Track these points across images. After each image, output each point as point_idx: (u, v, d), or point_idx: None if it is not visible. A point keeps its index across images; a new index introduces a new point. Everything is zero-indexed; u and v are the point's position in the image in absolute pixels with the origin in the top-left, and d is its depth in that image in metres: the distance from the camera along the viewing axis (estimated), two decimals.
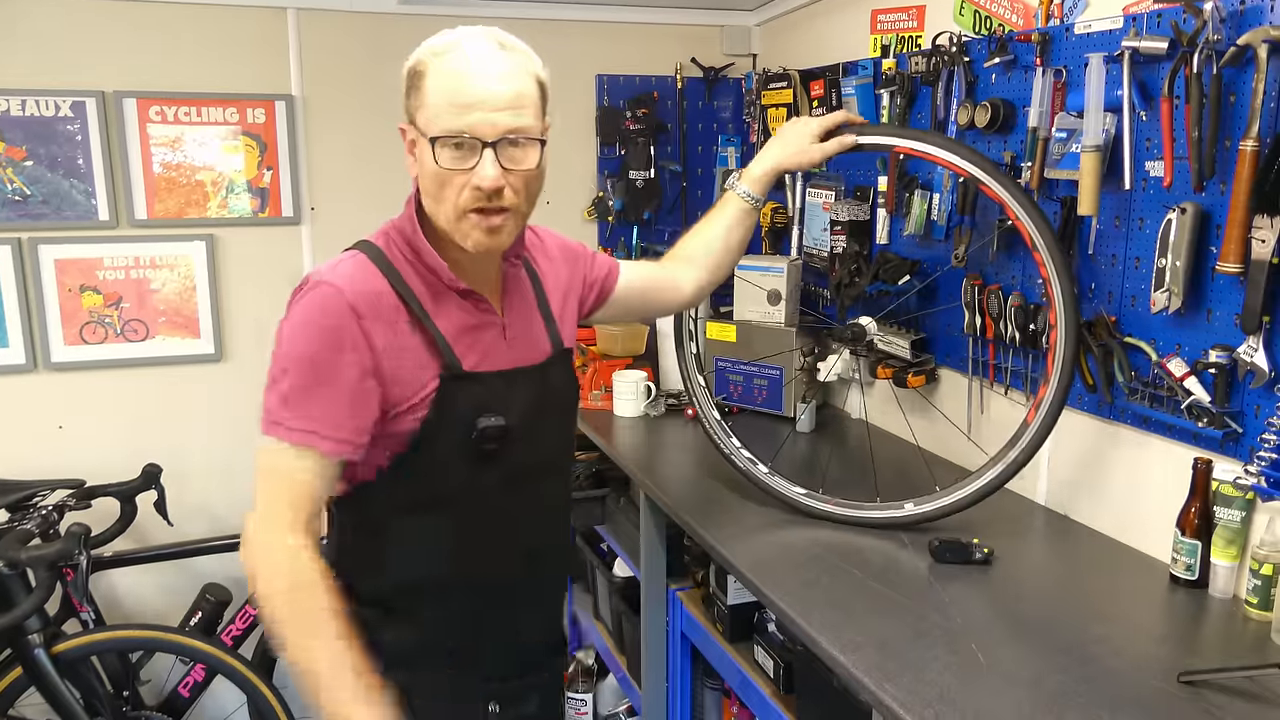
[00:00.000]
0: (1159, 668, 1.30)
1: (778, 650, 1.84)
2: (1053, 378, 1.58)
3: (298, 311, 1.21)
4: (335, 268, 1.24)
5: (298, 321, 1.20)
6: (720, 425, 1.99)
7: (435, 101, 1.18)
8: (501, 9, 2.71)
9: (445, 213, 1.22)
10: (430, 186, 1.21)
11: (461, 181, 1.18)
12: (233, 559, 2.63)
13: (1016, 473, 1.63)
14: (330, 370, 1.18)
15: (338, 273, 1.22)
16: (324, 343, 1.18)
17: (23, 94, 2.41)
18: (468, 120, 1.16)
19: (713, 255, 1.67)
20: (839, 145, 1.65)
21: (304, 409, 1.17)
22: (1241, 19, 1.42)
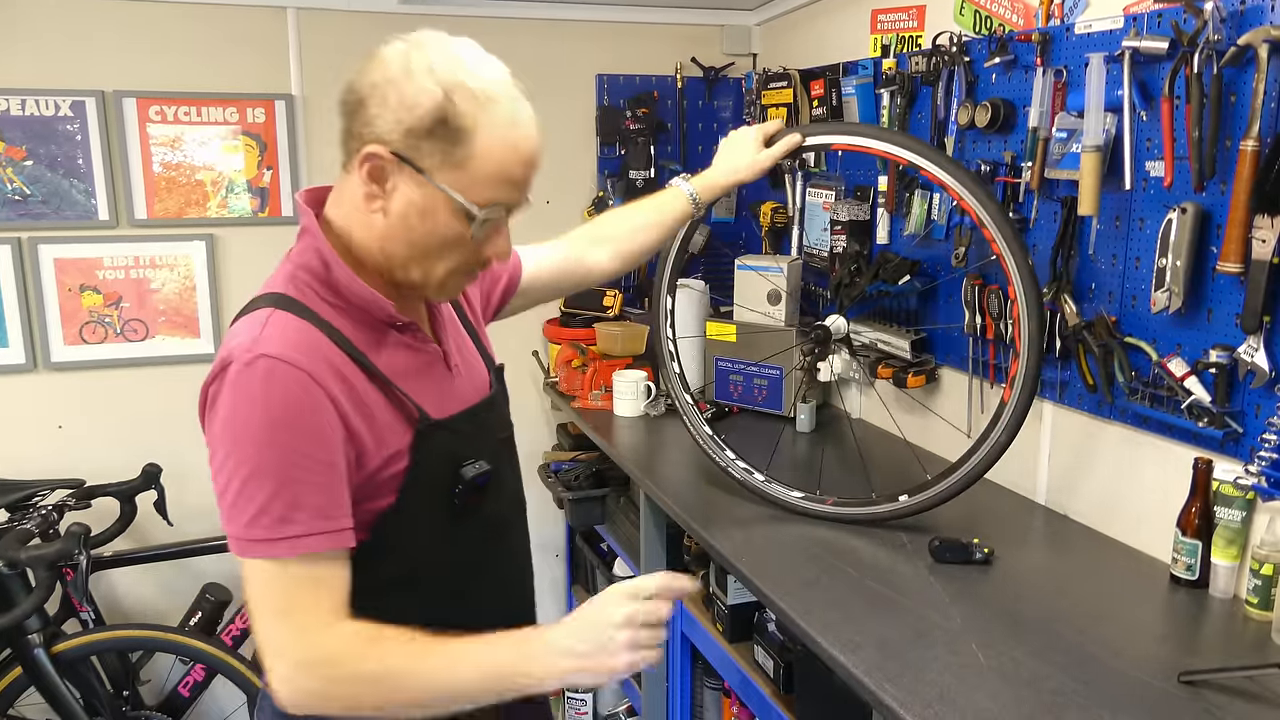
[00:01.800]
0: (1159, 668, 1.30)
1: (778, 650, 1.84)
2: (1021, 351, 1.57)
3: (237, 400, 0.97)
4: (256, 335, 1.00)
5: (243, 413, 0.97)
6: (713, 440, 1.98)
7: (489, 170, 1.01)
8: (501, 9, 2.71)
9: (431, 272, 1.07)
10: (426, 247, 1.05)
11: (472, 248, 1.06)
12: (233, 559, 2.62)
13: (1001, 454, 1.61)
14: (309, 456, 0.99)
15: (264, 339, 0.99)
16: (289, 428, 0.97)
17: (23, 94, 2.41)
18: (512, 196, 1.05)
19: (632, 244, 1.58)
20: (786, 147, 1.63)
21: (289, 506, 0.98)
22: (1242, 19, 1.42)
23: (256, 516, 0.98)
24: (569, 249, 1.55)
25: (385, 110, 1.02)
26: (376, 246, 1.07)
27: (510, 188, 1.04)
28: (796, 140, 1.63)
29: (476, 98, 1.00)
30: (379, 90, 1.03)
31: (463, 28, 1.14)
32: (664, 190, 1.63)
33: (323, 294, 1.07)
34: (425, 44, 1.05)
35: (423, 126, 1.00)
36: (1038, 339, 1.57)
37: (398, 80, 1.02)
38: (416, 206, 1.03)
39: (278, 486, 0.97)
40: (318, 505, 0.99)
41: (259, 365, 0.97)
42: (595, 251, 1.56)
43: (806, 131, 1.66)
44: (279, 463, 0.97)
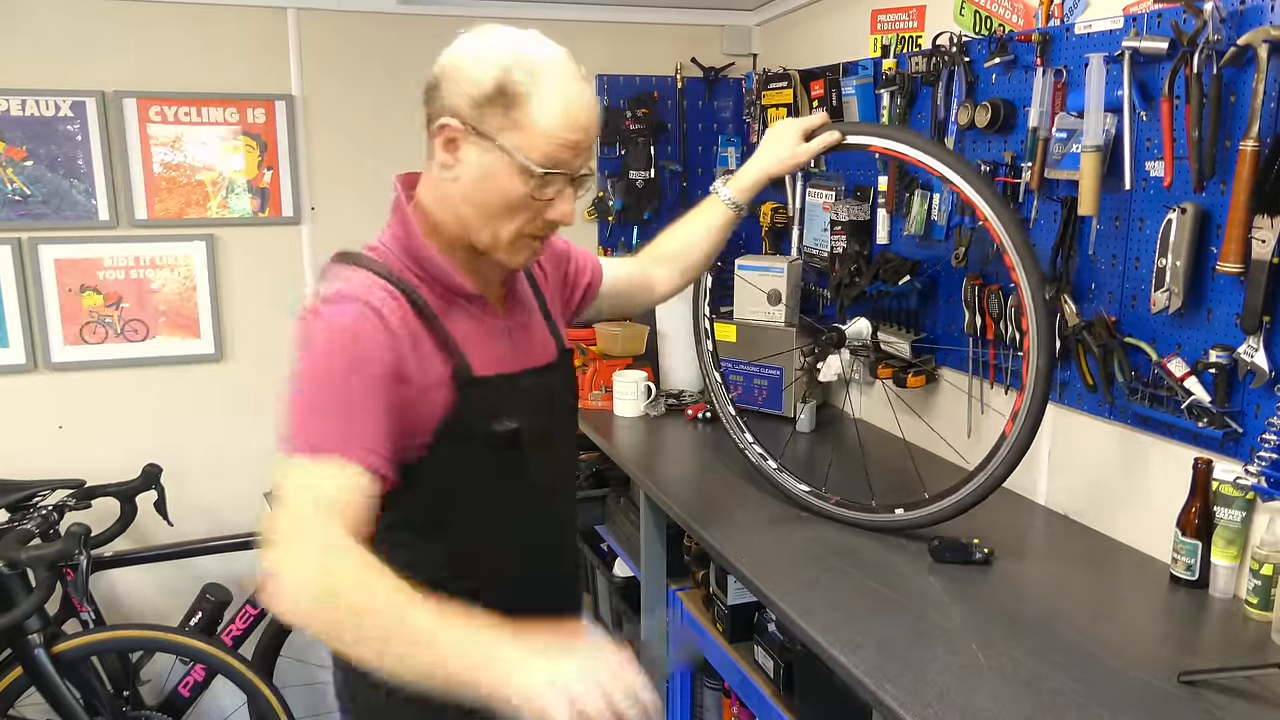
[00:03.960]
0: (1159, 668, 1.30)
1: (778, 650, 1.84)
2: (1028, 387, 1.54)
3: (320, 328, 1.12)
4: (347, 281, 1.16)
5: (322, 338, 1.12)
6: (736, 421, 2.02)
7: (543, 128, 1.13)
8: (502, 9, 2.71)
9: (500, 234, 1.19)
10: (496, 209, 1.17)
11: (536, 210, 1.17)
12: (233, 559, 2.63)
13: (999, 485, 1.61)
14: (366, 384, 1.10)
15: (352, 285, 1.15)
16: (356, 356, 1.10)
17: (23, 94, 2.41)
18: (570, 156, 1.15)
19: (689, 258, 1.67)
20: (824, 143, 1.64)
21: (344, 424, 1.08)
22: (1242, 19, 1.42)
23: (304, 421, 1.09)
24: (639, 267, 1.66)
25: (455, 87, 1.15)
26: (453, 214, 1.20)
27: (566, 150, 1.15)
28: (836, 138, 1.65)
29: (532, 69, 1.13)
30: (449, 72, 1.16)
31: (463, 27, 1.17)
32: (705, 200, 1.69)
33: (404, 260, 1.20)
34: (490, 31, 1.18)
35: (485, 95, 1.13)
36: (1046, 374, 1.52)
37: (464, 61, 1.15)
38: (484, 169, 1.15)
39: (329, 400, 1.09)
40: (361, 426, 1.09)
41: (340, 304, 1.12)
42: (659, 271, 1.67)
43: (846, 130, 1.65)
44: (333, 380, 1.10)
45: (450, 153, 1.16)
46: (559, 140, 1.14)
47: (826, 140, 1.65)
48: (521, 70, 1.13)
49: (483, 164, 1.15)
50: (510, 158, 1.14)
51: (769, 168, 1.66)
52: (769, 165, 1.66)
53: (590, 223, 3.01)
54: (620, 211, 2.96)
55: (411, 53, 2.70)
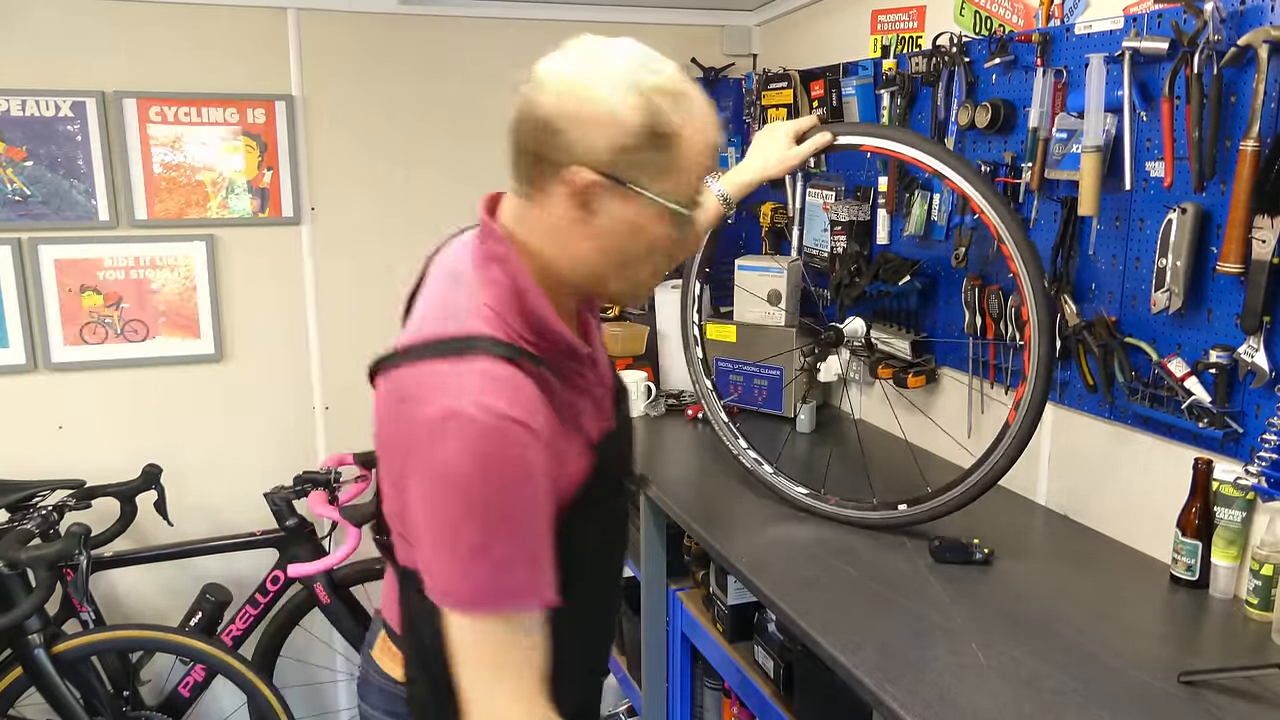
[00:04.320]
0: (1159, 668, 1.30)
1: (778, 650, 1.84)
2: (1029, 376, 1.55)
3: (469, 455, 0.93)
4: (496, 384, 0.96)
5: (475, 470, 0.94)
6: (728, 427, 2.02)
7: (691, 168, 1.02)
8: (502, 9, 2.71)
9: (638, 279, 1.08)
10: (637, 256, 1.05)
11: (675, 245, 1.07)
12: (233, 559, 2.63)
13: (1001, 475, 1.61)
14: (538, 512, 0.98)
15: (491, 392, 0.95)
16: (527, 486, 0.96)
17: (23, 94, 2.41)
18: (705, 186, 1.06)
19: None
20: (815, 145, 1.64)
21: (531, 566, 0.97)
22: (1242, 19, 1.42)
23: (478, 571, 0.95)
24: None
25: (587, 131, 0.97)
26: (577, 263, 1.05)
27: (701, 185, 1.06)
28: (827, 139, 1.64)
29: (674, 99, 0.99)
30: (573, 112, 0.98)
31: (463, 28, 1.14)
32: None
33: (518, 328, 1.03)
34: (603, 55, 1.02)
35: (634, 141, 0.98)
36: (1047, 363, 1.53)
37: (594, 98, 0.97)
38: (629, 223, 1.02)
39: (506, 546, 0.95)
40: (536, 563, 0.98)
41: (492, 423, 0.93)
42: None
43: (838, 131, 1.66)
44: (505, 521, 0.95)
45: (581, 207, 1.01)
46: (704, 171, 1.03)
47: (818, 142, 1.65)
48: (665, 102, 0.98)
49: (626, 215, 1.01)
50: (662, 205, 1.01)
51: (762, 170, 1.65)
52: (762, 168, 1.65)
53: None
54: None
55: (412, 53, 2.71)
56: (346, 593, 2.55)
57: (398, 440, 1.00)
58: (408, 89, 2.72)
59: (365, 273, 2.77)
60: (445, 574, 0.97)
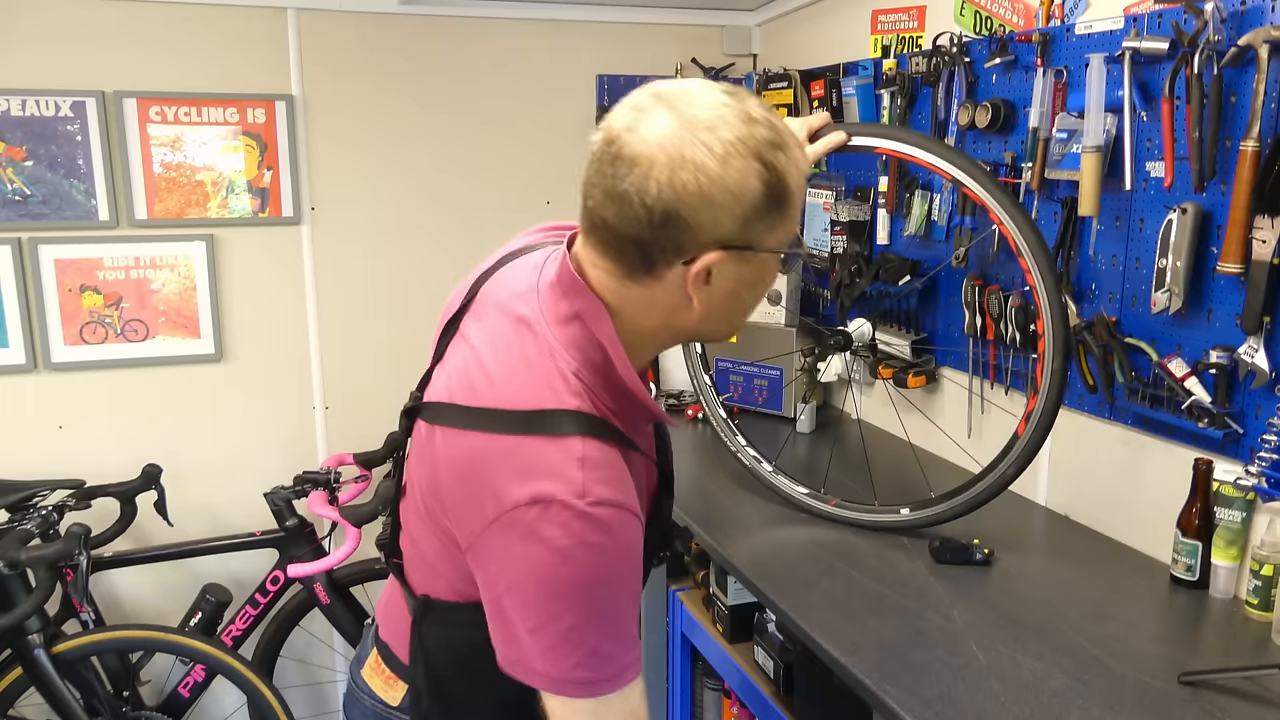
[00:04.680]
0: (1159, 668, 1.30)
1: (778, 650, 1.84)
2: (1042, 388, 1.54)
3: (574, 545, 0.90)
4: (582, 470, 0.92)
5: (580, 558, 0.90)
6: (727, 424, 2.01)
7: (795, 214, 0.98)
8: (502, 9, 2.70)
9: (733, 325, 1.06)
10: (748, 304, 1.03)
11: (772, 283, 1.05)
12: (232, 559, 2.63)
13: (1008, 485, 1.61)
14: (630, 598, 0.97)
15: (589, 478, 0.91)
16: (621, 576, 0.94)
17: (23, 94, 2.41)
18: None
19: None
20: (829, 144, 1.59)
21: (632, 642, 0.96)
22: (1242, 19, 1.42)
23: (585, 658, 0.92)
24: None
25: (717, 215, 0.90)
26: (685, 331, 1.02)
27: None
28: (842, 139, 1.58)
29: (779, 148, 0.92)
30: (696, 198, 0.89)
31: (463, 28, 1.13)
32: None
33: (605, 400, 0.98)
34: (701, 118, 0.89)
35: (758, 210, 0.92)
36: (1060, 377, 1.52)
37: (715, 176, 0.88)
38: (746, 281, 0.98)
39: (605, 630, 0.94)
40: (631, 640, 0.97)
41: (597, 514, 0.90)
42: None
43: (852, 131, 1.61)
44: (608, 608, 0.93)
45: (704, 282, 0.94)
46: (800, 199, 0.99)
47: (832, 141, 1.59)
48: (779, 157, 0.92)
49: (744, 275, 0.97)
50: (775, 255, 0.98)
51: None
52: None
53: None
54: None
55: (412, 53, 2.71)
56: (346, 593, 2.55)
57: (471, 510, 0.96)
58: (408, 88, 2.72)
59: (365, 272, 2.76)
60: (541, 659, 0.93)
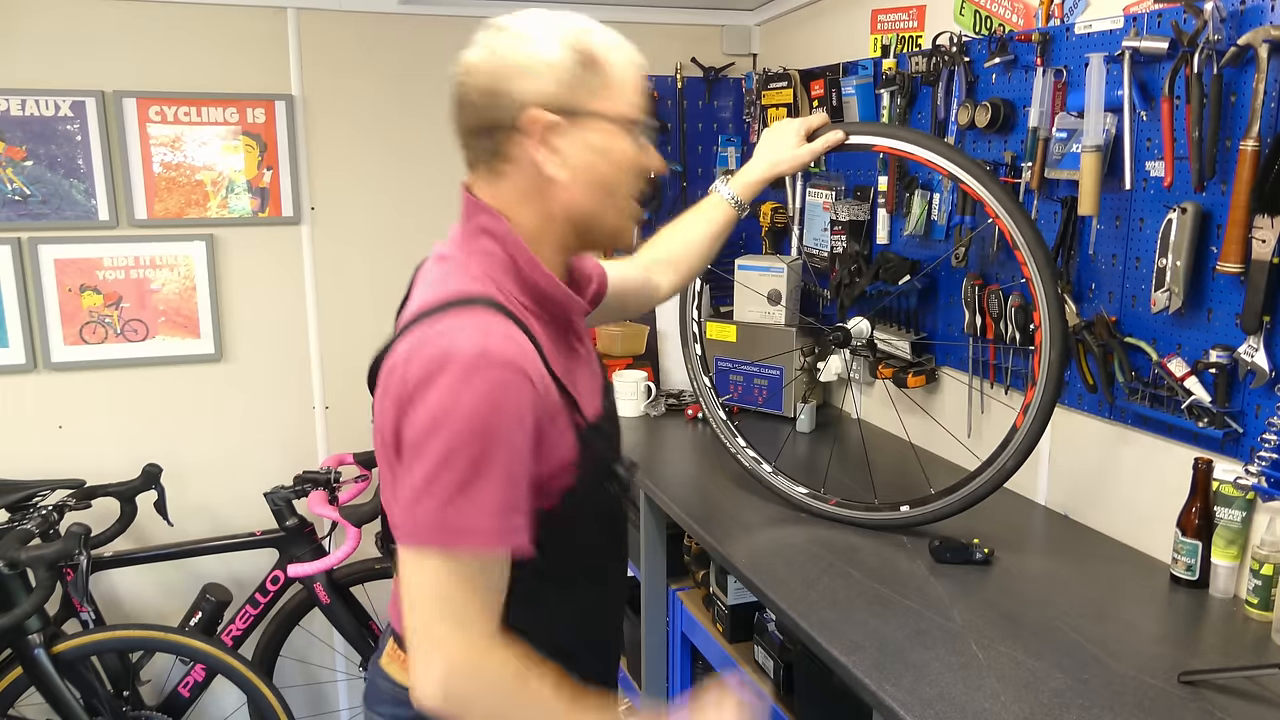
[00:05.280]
0: (1159, 668, 1.30)
1: (778, 650, 1.84)
2: (1039, 380, 1.55)
3: (459, 394, 0.96)
4: (479, 334, 0.99)
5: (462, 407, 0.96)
6: (727, 425, 2.01)
7: (625, 84, 1.09)
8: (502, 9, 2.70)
9: (618, 207, 1.13)
10: (614, 179, 1.10)
11: (641, 169, 1.12)
12: (232, 559, 2.63)
13: (1008, 478, 1.62)
14: (519, 459, 1.00)
15: (494, 338, 0.99)
16: (512, 430, 0.98)
17: (23, 94, 2.41)
18: (647, 109, 1.12)
19: (690, 258, 1.62)
20: (827, 144, 1.62)
21: (501, 509, 0.98)
22: (1242, 19, 1.42)
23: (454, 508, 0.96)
24: (640, 270, 1.60)
25: (526, 80, 1.04)
26: (568, 211, 1.10)
27: (643, 99, 1.11)
28: (839, 138, 1.62)
29: (591, 34, 1.08)
30: (508, 70, 1.05)
31: (463, 28, 1.14)
32: (705, 198, 1.64)
33: (517, 295, 1.08)
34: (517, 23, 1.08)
35: (569, 73, 1.05)
36: (1058, 368, 1.53)
37: (522, 52, 1.05)
38: (595, 146, 1.08)
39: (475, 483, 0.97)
40: (506, 505, 0.99)
41: (483, 364, 0.97)
42: (661, 273, 1.60)
43: (850, 130, 1.63)
44: (480, 461, 0.97)
45: (549, 147, 1.06)
46: (639, 90, 1.11)
47: (830, 140, 1.62)
48: (588, 37, 1.08)
49: (590, 142, 1.07)
50: (614, 121, 1.08)
51: (771, 168, 1.63)
52: (771, 166, 1.63)
53: None
54: None
55: (412, 53, 2.71)
56: (346, 593, 2.55)
57: (389, 405, 1.01)
58: (408, 88, 2.72)
59: (365, 272, 2.77)
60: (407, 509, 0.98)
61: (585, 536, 1.16)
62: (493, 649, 1.00)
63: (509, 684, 1.01)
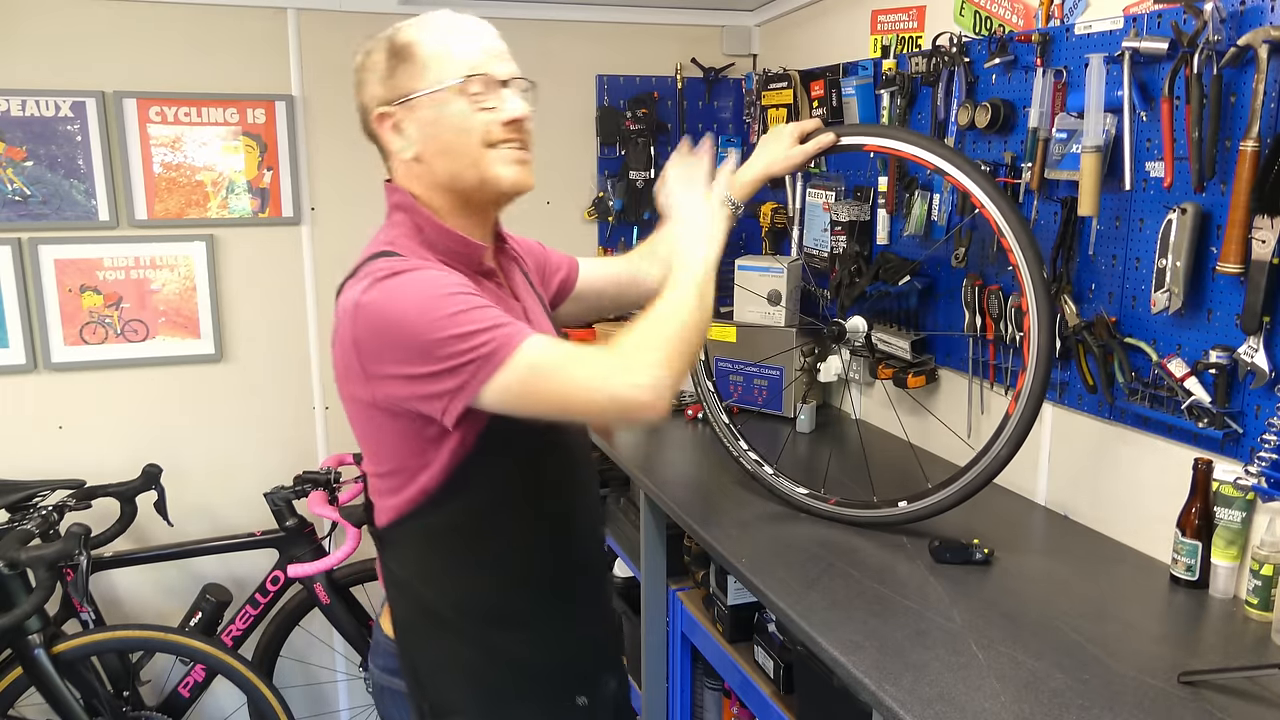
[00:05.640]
0: (1159, 668, 1.30)
1: (778, 650, 1.84)
2: (1029, 365, 1.56)
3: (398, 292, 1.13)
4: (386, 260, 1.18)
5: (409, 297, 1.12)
6: (729, 429, 2.01)
7: (440, 55, 1.20)
8: (501, 9, 2.71)
9: (474, 157, 1.22)
10: (454, 138, 1.21)
11: (485, 120, 1.21)
12: (232, 559, 2.64)
13: (1003, 466, 1.61)
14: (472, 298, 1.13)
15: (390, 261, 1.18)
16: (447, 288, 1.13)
17: (23, 94, 2.41)
18: (483, 61, 1.21)
19: None
20: (819, 145, 1.69)
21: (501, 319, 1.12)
22: (1242, 19, 1.42)
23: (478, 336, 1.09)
24: (627, 264, 1.67)
25: (367, 87, 1.25)
26: (436, 180, 1.24)
27: (475, 55, 1.22)
28: (830, 139, 1.69)
29: (410, 26, 1.24)
30: (359, 83, 1.27)
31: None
32: None
33: (422, 251, 1.22)
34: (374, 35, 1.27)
35: (386, 69, 1.23)
36: (1047, 351, 1.54)
37: (362, 63, 1.27)
38: (428, 120, 1.22)
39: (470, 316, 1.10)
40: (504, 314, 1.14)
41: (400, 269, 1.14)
42: (650, 266, 1.65)
43: (840, 132, 1.70)
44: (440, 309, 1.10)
45: (398, 134, 1.23)
46: (464, 50, 1.21)
47: (821, 142, 1.69)
48: (401, 33, 1.23)
49: (423, 118, 1.21)
50: (436, 92, 1.20)
51: (766, 168, 1.68)
52: (766, 166, 1.68)
53: (590, 223, 3.01)
54: (620, 212, 2.95)
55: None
56: (346, 593, 2.55)
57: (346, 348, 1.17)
58: None
59: None
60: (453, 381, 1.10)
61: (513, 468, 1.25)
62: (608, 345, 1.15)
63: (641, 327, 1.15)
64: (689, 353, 1.16)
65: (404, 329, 1.10)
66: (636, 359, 1.11)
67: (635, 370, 1.10)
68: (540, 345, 1.11)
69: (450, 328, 1.09)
